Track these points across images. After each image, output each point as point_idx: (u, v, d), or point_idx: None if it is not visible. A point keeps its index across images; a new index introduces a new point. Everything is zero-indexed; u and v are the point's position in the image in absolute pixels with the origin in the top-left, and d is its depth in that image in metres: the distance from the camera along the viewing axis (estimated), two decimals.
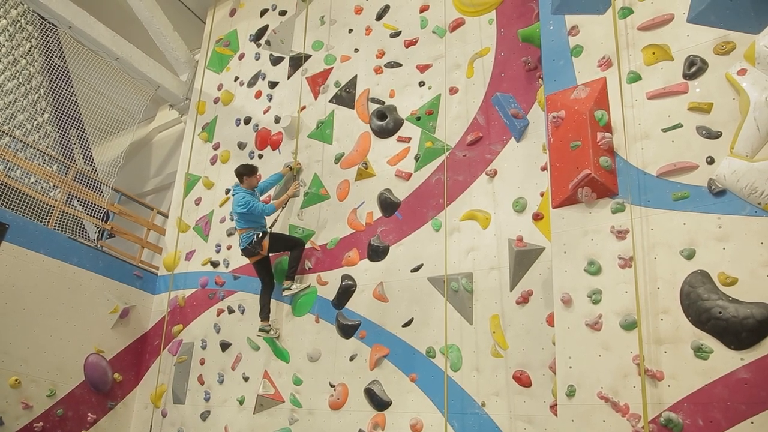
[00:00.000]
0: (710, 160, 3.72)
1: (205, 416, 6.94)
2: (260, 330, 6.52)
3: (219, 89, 9.00)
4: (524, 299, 4.99)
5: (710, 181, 3.67)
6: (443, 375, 5.20)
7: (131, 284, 8.09)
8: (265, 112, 8.13)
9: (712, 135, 3.77)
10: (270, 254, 6.65)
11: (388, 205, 6.27)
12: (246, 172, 6.67)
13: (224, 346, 7.12)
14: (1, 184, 7.20)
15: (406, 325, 5.67)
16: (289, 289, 6.56)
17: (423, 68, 6.61)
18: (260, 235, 6.38)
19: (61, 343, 7.15)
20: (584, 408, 3.69)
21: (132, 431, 7.66)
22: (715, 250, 3.54)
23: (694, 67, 3.97)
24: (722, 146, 3.70)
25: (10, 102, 8.49)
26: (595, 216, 4.06)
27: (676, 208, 3.76)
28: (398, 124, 6.56)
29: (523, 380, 4.78)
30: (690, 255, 3.62)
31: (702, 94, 3.90)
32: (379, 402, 5.56)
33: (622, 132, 4.11)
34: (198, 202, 8.44)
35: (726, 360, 3.31)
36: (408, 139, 6.41)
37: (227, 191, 8.07)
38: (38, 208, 7.53)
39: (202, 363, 7.29)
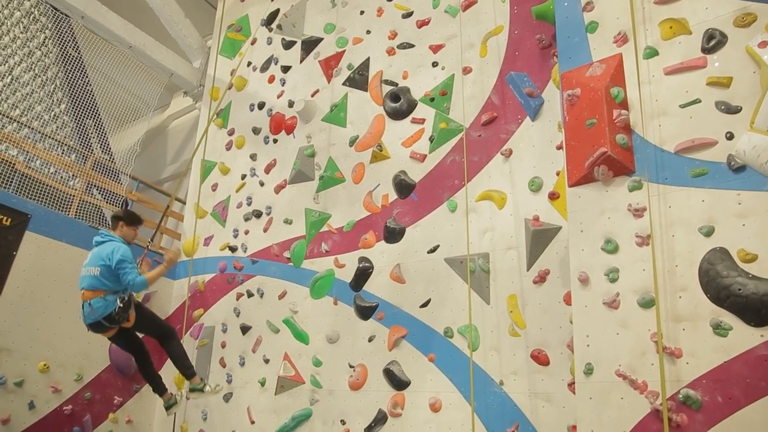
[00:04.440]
0: (729, 136, 3.67)
1: (227, 398, 7.07)
2: (174, 404, 5.28)
3: (232, 75, 9.01)
4: (541, 278, 5.00)
5: (730, 157, 3.63)
6: (461, 354, 5.25)
7: None
8: (278, 97, 8.14)
9: (732, 110, 3.72)
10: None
11: (403, 186, 6.28)
12: (127, 219, 5.09)
13: (244, 329, 7.22)
14: (22, 175, 7.31)
15: (424, 305, 5.71)
16: (202, 390, 5.26)
17: (436, 48, 6.56)
18: (125, 299, 4.78)
19: (85, 329, 7.26)
20: (602, 386, 3.71)
21: (157, 413, 7.82)
22: (734, 226, 3.51)
23: (713, 41, 3.90)
24: (742, 121, 3.65)
25: (28, 93, 8.58)
26: (612, 194, 4.04)
27: (694, 184, 3.73)
28: (412, 105, 6.53)
29: (541, 359, 4.81)
30: (709, 232, 3.59)
31: (721, 68, 3.84)
32: (398, 382, 5.62)
33: (639, 109, 4.07)
34: (215, 187, 8.50)
35: (745, 337, 3.30)
36: (422, 121, 6.39)
37: (243, 177, 8.12)
38: (58, 197, 7.64)
39: (223, 346, 7.40)
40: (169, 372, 6.45)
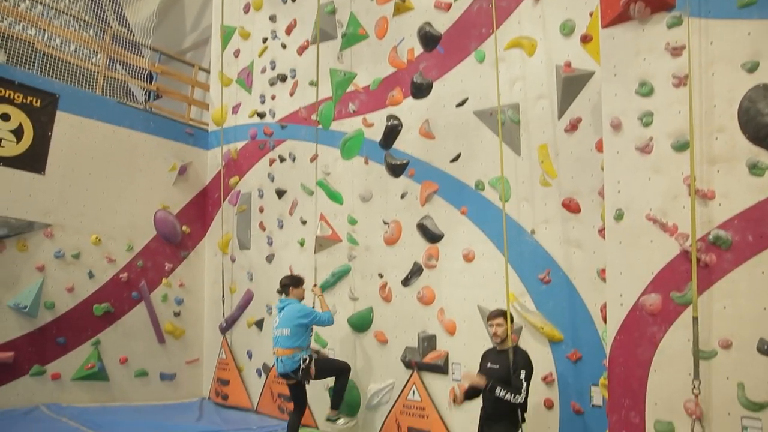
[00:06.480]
0: None
1: (270, 259, 7.45)
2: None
3: None
4: (573, 127, 4.88)
5: None
6: (493, 206, 5.32)
7: (184, 142, 8.33)
8: None
9: None
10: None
11: (429, 39, 6.00)
12: (293, 283, 5.86)
13: (280, 193, 7.41)
14: (44, 55, 7.25)
15: (454, 160, 5.71)
16: (335, 422, 5.93)
17: None
18: (307, 360, 5.48)
19: (129, 202, 7.62)
20: (632, 230, 3.75)
21: (206, 276, 8.36)
22: None
23: None
24: None
25: None
26: (649, 33, 3.79)
27: (741, 16, 3.47)
28: None
29: (572, 207, 4.84)
30: (753, 68, 3.39)
31: None
32: (431, 235, 5.79)
33: None
34: (237, 54, 8.31)
35: None
36: None
37: (264, 40, 7.88)
38: (83, 75, 7.61)
39: (261, 211, 7.67)
40: None
